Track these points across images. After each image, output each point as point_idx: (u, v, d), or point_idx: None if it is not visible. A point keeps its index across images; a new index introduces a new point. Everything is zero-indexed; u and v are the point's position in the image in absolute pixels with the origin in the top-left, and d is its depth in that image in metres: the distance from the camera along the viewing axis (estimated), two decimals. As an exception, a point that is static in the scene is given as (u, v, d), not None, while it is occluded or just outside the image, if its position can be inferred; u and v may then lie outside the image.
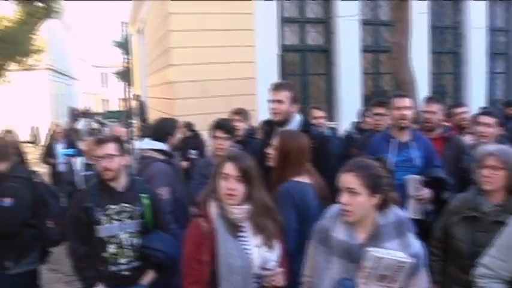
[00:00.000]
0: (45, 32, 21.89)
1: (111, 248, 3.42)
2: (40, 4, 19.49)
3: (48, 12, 19.95)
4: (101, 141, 3.55)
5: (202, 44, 8.52)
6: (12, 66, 19.58)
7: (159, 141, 4.50)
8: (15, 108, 24.84)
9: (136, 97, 16.61)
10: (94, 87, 52.17)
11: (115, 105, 43.64)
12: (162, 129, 4.61)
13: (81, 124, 15.12)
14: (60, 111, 27.07)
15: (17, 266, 4.33)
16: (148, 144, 4.54)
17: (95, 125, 17.08)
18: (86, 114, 20.56)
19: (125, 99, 16.40)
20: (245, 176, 2.70)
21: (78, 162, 5.64)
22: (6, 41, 17.72)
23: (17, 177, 4.35)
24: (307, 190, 3.29)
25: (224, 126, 4.51)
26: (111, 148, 3.47)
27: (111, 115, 28.60)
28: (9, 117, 23.12)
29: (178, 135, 4.75)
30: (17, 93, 24.52)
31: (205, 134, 7.01)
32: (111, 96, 50.79)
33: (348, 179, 2.46)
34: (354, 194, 2.44)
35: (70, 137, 8.13)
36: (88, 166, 5.34)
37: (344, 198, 2.47)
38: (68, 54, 36.10)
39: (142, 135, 5.84)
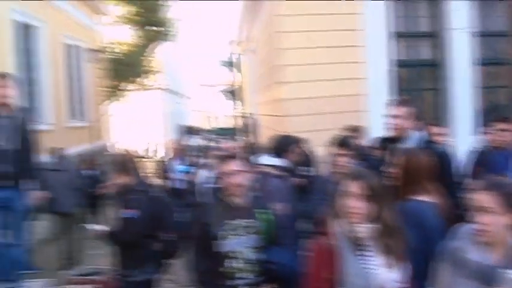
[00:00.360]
0: (160, 54, 22.98)
1: (231, 263, 3.49)
2: (155, 28, 20.66)
3: (163, 35, 21.09)
4: (225, 158, 3.67)
5: (313, 61, 8.56)
6: (130, 86, 20.82)
7: (277, 157, 4.59)
8: (132, 125, 26.20)
9: (249, 115, 16.98)
10: (204, 105, 53.83)
11: (224, 123, 44.81)
12: (279, 146, 4.69)
13: (193, 141, 15.63)
14: (172, 129, 28.17)
15: (137, 275, 4.58)
16: (265, 160, 4.64)
17: (206, 142, 17.59)
18: (197, 131, 21.18)
19: (234, 117, 16.83)
20: (370, 194, 2.67)
21: (202, 175, 5.82)
22: (124, 63, 18.90)
23: (139, 191, 4.61)
24: (428, 209, 3.22)
25: (344, 143, 4.50)
26: (235, 164, 3.56)
27: (221, 132, 29.35)
28: (127, 134, 24.42)
29: (296, 152, 4.81)
30: (134, 112, 25.88)
31: (316, 151, 7.05)
32: (220, 113, 52.25)
33: (482, 198, 2.37)
34: (489, 213, 2.35)
35: (185, 153, 8.39)
36: (211, 179, 5.49)
37: (478, 217, 2.39)
38: (179, 73, 37.58)
39: (255, 152, 5.95)
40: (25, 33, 11.15)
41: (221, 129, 36.89)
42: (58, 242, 8.80)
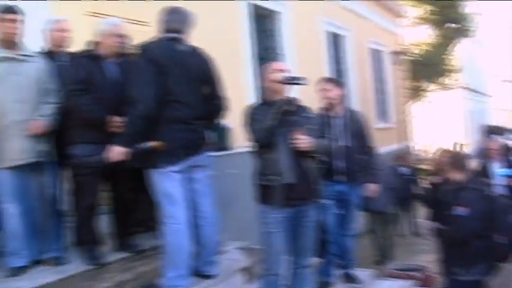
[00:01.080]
0: (460, 51, 22.26)
1: None
2: (454, 25, 20.11)
3: (463, 32, 20.40)
4: None
5: None
6: (431, 86, 20.64)
7: None
8: (434, 126, 25.85)
9: None
10: (507, 103, 50.10)
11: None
12: None
13: (500, 141, 14.77)
14: (474, 129, 27.02)
15: (464, 274, 4.55)
16: None
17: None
18: (501, 130, 19.91)
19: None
20: None
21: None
22: (424, 64, 18.82)
23: (472, 189, 4.58)
24: None
25: None
26: None
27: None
28: (430, 134, 24.25)
29: None
30: (435, 112, 25.50)
31: None
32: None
33: None
34: None
35: (503, 155, 7.83)
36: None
37: None
38: (480, 70, 35.71)
39: None
40: (334, 41, 11.98)
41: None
42: (371, 237, 9.21)
